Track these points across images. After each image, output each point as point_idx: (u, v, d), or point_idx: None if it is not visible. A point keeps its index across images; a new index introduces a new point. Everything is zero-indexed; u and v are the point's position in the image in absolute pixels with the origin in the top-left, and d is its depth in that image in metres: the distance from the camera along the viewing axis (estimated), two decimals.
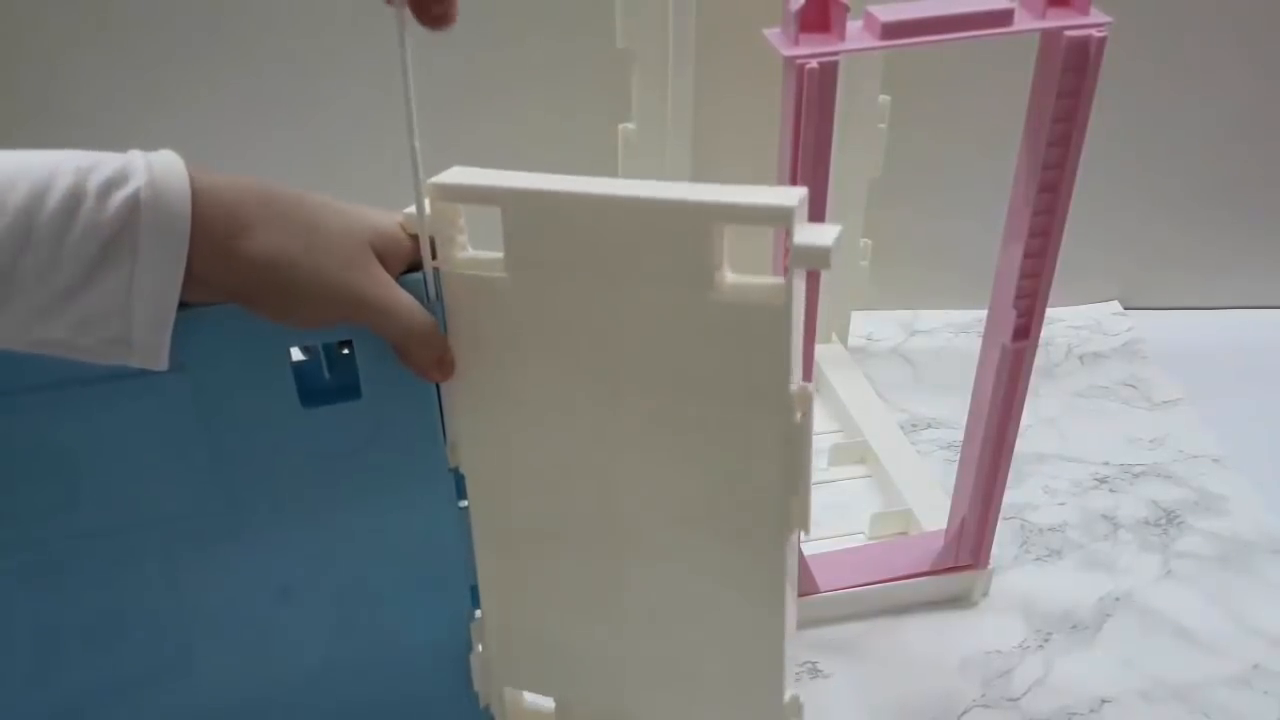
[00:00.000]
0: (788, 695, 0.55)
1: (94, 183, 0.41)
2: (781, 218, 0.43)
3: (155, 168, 0.42)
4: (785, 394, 0.47)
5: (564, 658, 0.60)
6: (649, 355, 0.49)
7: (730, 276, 0.46)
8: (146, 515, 0.52)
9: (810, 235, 0.43)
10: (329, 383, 0.53)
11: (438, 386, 0.53)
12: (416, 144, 0.47)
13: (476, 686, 0.61)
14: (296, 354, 0.51)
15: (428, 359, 0.49)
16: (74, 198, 0.40)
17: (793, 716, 0.56)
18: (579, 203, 0.47)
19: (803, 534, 0.52)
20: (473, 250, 0.50)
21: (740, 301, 0.46)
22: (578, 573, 0.56)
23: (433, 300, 0.50)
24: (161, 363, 0.44)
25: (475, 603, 0.59)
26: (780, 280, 0.45)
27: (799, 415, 0.47)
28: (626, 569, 0.55)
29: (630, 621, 0.57)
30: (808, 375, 0.48)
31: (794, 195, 0.43)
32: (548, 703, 0.63)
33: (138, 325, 0.42)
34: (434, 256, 0.49)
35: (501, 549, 0.57)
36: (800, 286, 0.45)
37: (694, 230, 0.45)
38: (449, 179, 0.48)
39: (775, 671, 0.54)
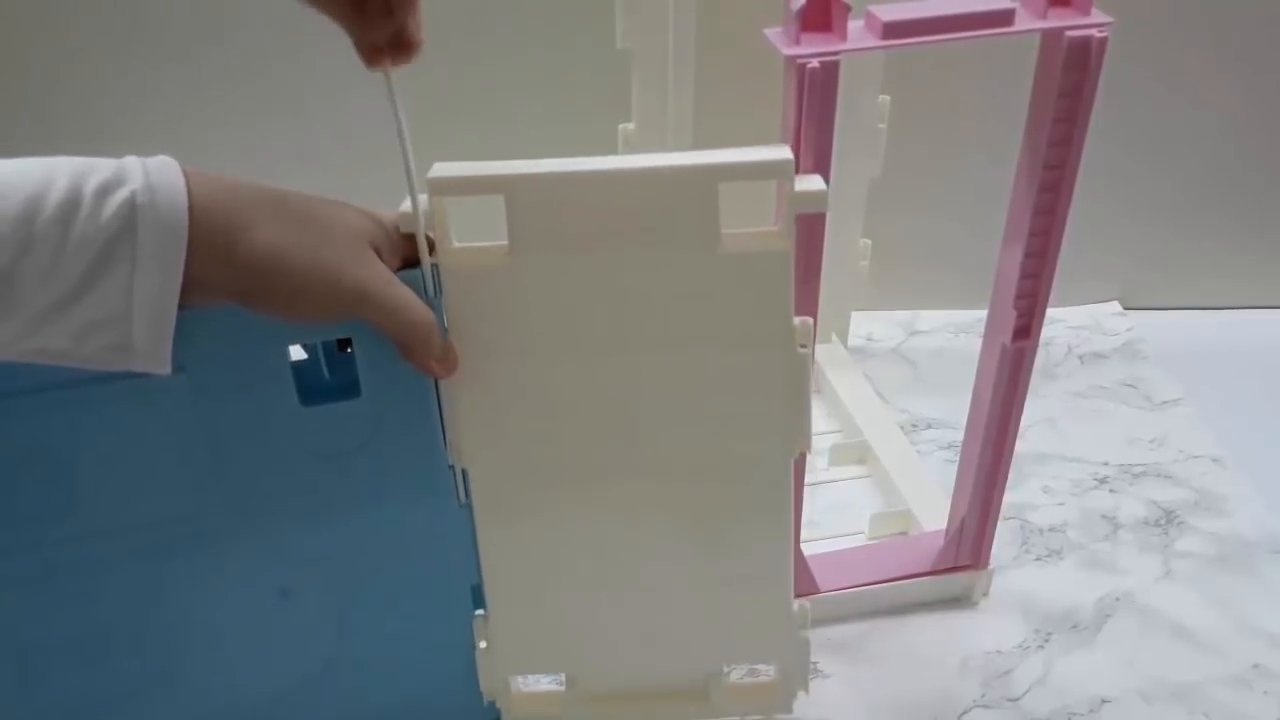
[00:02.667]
0: (795, 606, 0.60)
1: (90, 187, 0.41)
2: (783, 170, 0.49)
3: (151, 171, 0.42)
4: (790, 330, 0.52)
5: (575, 634, 0.61)
6: (657, 318, 0.52)
7: (728, 231, 0.50)
8: (145, 517, 0.52)
9: (806, 183, 0.50)
10: (329, 381, 0.53)
11: (436, 384, 0.53)
12: (407, 139, 0.47)
13: (481, 681, 0.61)
14: (296, 353, 0.51)
15: (431, 354, 0.49)
16: (70, 203, 0.40)
17: (802, 627, 0.60)
18: (584, 181, 0.48)
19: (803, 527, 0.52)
20: (458, 242, 0.50)
21: (744, 251, 0.50)
22: (589, 548, 0.58)
23: (432, 296, 0.50)
24: (165, 366, 0.44)
25: (477, 601, 0.59)
26: (775, 228, 0.50)
27: (801, 347, 0.52)
28: (639, 531, 0.57)
29: (643, 582, 0.59)
30: (803, 311, 0.53)
31: (784, 150, 0.49)
32: (551, 685, 0.64)
33: (139, 329, 0.42)
34: (430, 252, 0.50)
35: (508, 540, 0.57)
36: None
37: (700, 192, 0.48)
38: (445, 172, 0.49)
39: (785, 587, 0.59)
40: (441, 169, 0.49)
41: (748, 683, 0.66)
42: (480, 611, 0.60)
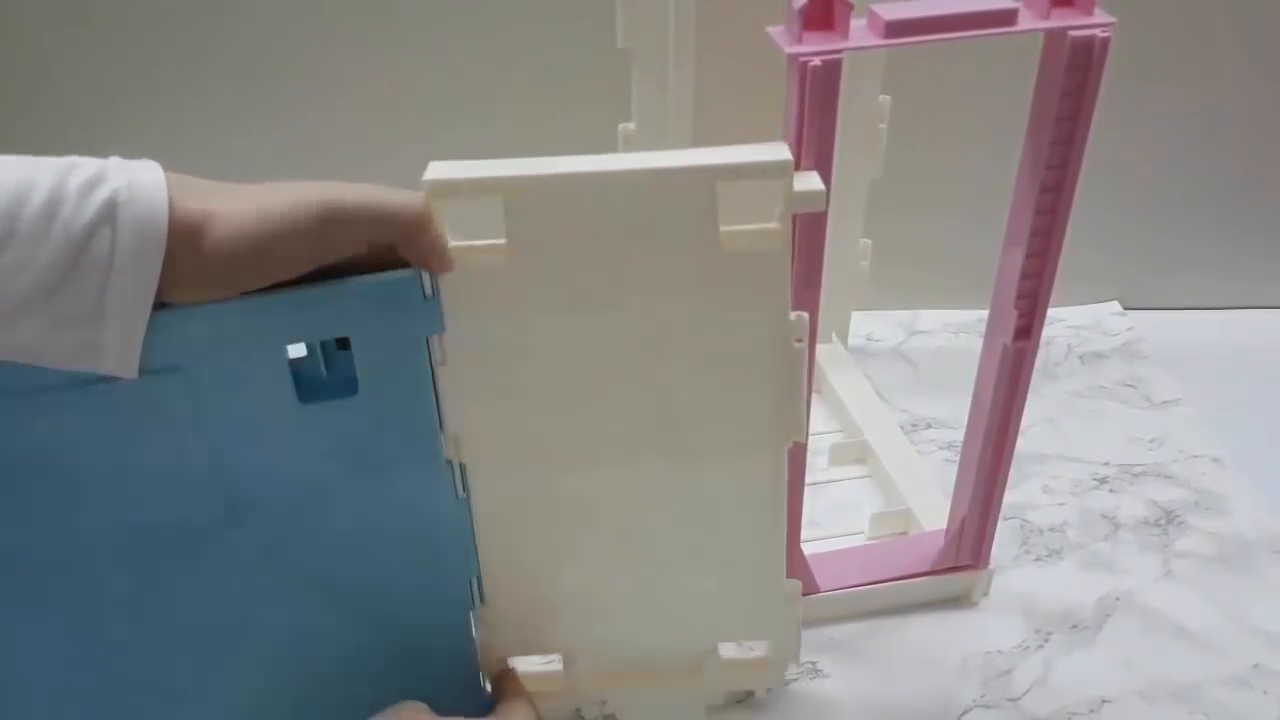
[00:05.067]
0: (787, 585, 0.62)
1: (74, 183, 0.41)
2: (783, 170, 0.50)
3: (134, 171, 0.42)
4: (787, 326, 0.53)
5: (574, 616, 0.62)
6: (657, 315, 0.52)
7: (726, 228, 0.50)
8: (143, 519, 0.52)
9: (805, 182, 0.50)
10: (326, 379, 0.53)
11: (435, 380, 0.53)
12: None
13: (481, 664, 0.62)
14: (294, 351, 0.51)
15: (428, 243, 0.48)
16: (54, 199, 0.41)
17: (794, 604, 0.62)
18: (582, 182, 0.48)
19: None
20: (453, 238, 0.51)
21: (742, 250, 0.51)
22: (585, 535, 0.59)
23: (429, 297, 0.50)
24: (131, 369, 0.44)
25: (476, 595, 0.60)
26: (773, 225, 0.51)
27: (798, 341, 0.53)
28: (635, 517, 0.58)
29: (639, 565, 0.60)
30: (804, 310, 0.54)
31: (783, 149, 0.49)
32: (548, 666, 0.65)
33: (109, 328, 0.42)
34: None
35: (506, 529, 0.58)
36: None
37: (701, 192, 0.49)
38: (442, 174, 0.49)
39: (778, 567, 0.61)
40: (438, 170, 0.49)
41: (740, 658, 0.67)
42: (480, 601, 0.60)
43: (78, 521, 0.51)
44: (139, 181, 0.42)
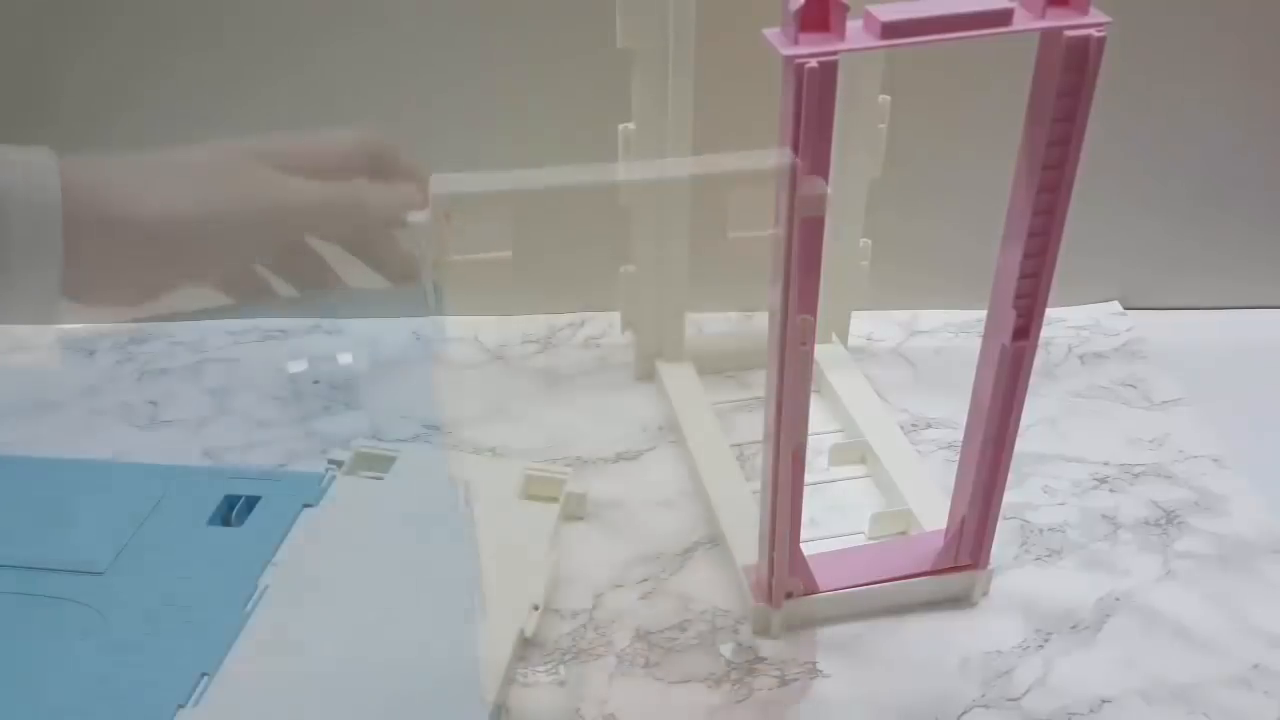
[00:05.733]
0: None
1: None
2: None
3: (24, 162, 0.41)
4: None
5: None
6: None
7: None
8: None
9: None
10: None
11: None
12: None
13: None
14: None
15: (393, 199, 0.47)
16: None
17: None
18: (589, 192, 0.48)
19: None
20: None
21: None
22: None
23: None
24: (54, 361, 0.43)
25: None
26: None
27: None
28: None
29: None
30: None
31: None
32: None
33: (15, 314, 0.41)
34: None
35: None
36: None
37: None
38: (448, 188, 0.48)
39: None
40: (443, 183, 0.49)
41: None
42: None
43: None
44: (29, 173, 0.40)
